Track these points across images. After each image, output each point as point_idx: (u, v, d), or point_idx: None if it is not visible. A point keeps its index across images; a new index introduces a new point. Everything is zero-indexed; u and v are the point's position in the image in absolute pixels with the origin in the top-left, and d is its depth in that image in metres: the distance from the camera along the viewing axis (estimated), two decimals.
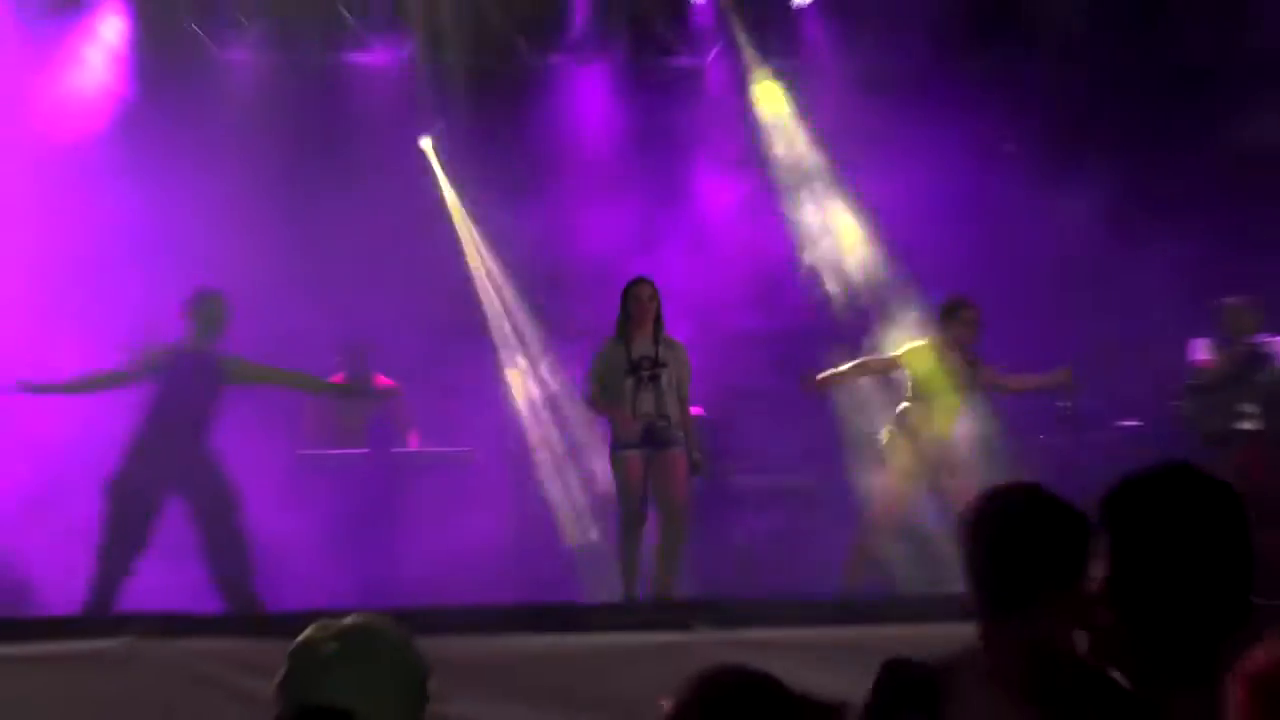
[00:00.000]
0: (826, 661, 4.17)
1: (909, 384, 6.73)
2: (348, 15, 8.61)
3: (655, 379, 6.43)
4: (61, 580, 6.56)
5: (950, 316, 6.75)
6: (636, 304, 6.47)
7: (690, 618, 5.24)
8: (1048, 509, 2.36)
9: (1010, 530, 2.39)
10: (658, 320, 6.53)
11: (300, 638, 2.13)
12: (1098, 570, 1.90)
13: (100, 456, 6.47)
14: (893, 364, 6.83)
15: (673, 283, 7.15)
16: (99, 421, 6.81)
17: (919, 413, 6.63)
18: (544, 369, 9.00)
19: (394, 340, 8.27)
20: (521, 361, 9.08)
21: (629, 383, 6.45)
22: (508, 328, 9.22)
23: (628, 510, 6.44)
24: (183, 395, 6.34)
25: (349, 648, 2.11)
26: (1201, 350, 7.61)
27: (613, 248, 8.35)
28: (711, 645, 4.72)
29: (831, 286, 9.20)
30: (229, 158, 8.41)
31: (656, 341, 6.52)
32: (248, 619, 6.00)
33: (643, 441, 6.37)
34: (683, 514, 6.52)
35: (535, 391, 9.00)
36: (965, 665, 2.49)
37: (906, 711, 2.69)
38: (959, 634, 2.49)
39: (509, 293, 9.38)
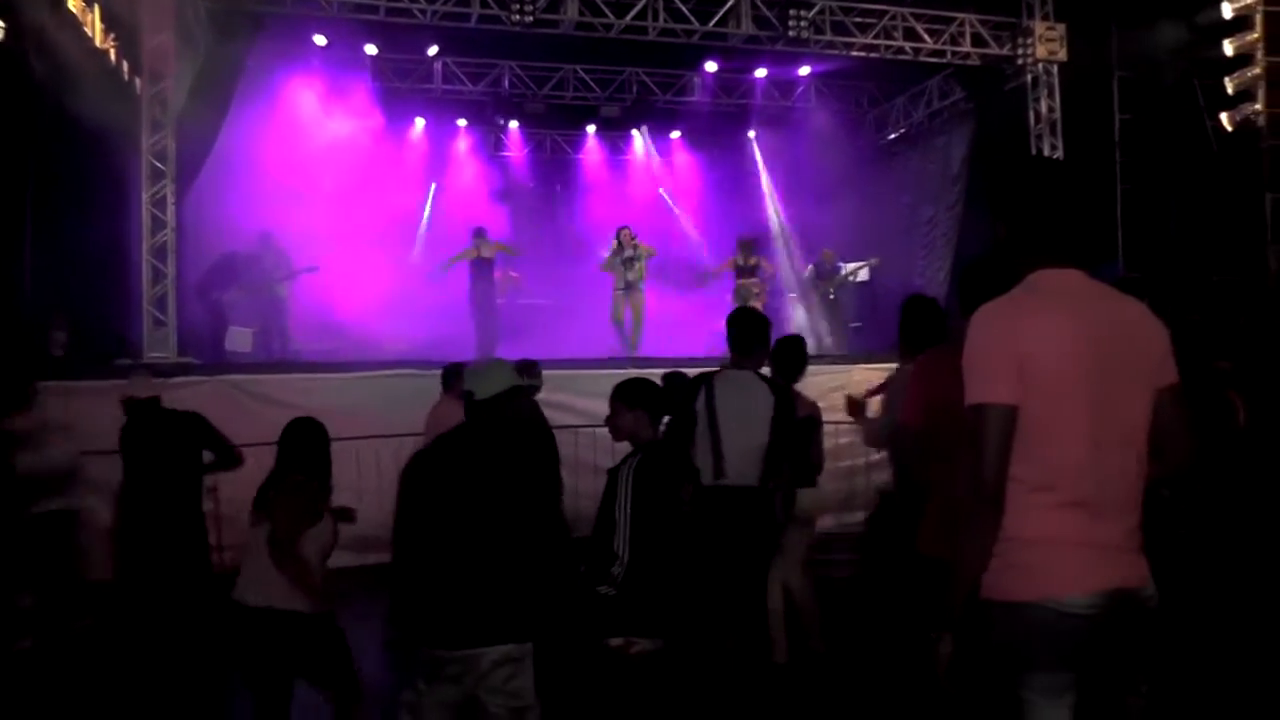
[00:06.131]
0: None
1: None
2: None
3: (631, 263, 12.06)
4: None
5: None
6: (626, 236, 12.09)
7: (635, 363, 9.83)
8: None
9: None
10: (634, 241, 12.10)
11: (469, 365, 3.99)
12: None
13: None
14: None
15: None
16: None
17: None
18: None
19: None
20: None
21: (620, 265, 12.09)
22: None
23: (618, 315, 12.19)
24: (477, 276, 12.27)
25: (486, 366, 3.90)
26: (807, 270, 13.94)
27: None
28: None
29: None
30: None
31: (634, 248, 12.06)
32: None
33: (625, 287, 12.11)
34: (642, 317, 12.17)
35: None
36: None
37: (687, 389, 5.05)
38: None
39: None
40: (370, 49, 14.08)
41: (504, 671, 3.45)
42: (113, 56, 10.77)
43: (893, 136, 15.57)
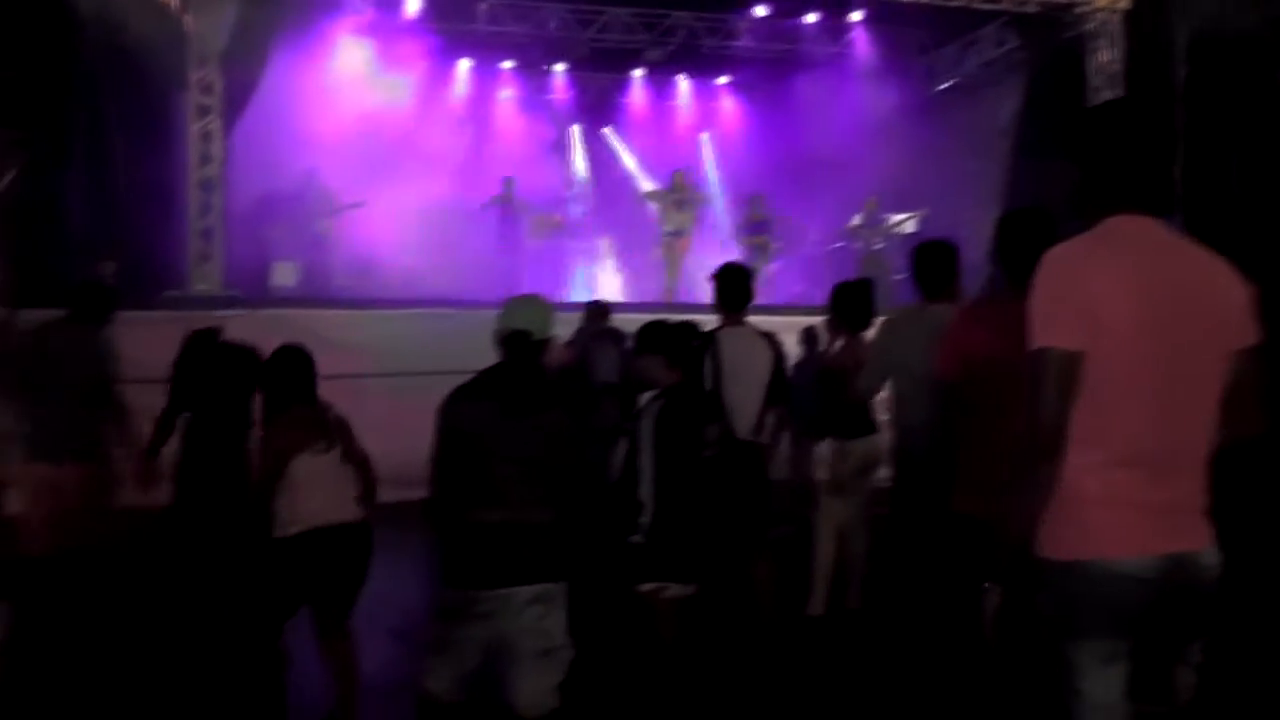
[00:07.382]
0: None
1: None
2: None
3: (681, 205, 12.42)
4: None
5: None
6: (681, 180, 12.40)
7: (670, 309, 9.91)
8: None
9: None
10: (688, 187, 12.37)
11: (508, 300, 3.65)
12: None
13: None
14: None
15: None
16: None
17: None
18: None
19: None
20: None
21: (671, 208, 12.48)
22: None
23: (669, 257, 12.69)
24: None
25: (524, 301, 3.70)
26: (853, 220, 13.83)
27: None
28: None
29: None
30: None
31: (688, 191, 12.40)
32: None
33: (674, 231, 12.58)
34: (679, 263, 12.55)
35: None
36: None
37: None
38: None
39: None
40: None
41: (535, 610, 3.41)
42: None
43: (943, 87, 15.12)
